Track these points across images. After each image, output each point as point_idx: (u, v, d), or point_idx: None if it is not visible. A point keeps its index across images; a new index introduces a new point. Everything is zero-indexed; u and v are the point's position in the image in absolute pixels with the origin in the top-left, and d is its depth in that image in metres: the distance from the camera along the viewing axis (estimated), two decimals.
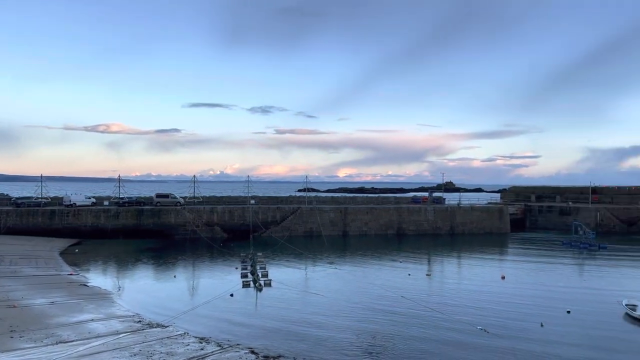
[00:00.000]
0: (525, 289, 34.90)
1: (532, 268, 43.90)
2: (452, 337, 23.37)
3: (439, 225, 69.91)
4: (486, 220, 72.09)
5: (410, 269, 42.33)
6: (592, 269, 44.54)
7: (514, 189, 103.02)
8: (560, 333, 24.36)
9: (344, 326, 25.13)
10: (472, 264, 46.12)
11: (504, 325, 25.52)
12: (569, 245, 58.29)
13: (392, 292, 32.89)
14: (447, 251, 55.33)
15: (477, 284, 36.44)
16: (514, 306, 29.73)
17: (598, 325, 26.01)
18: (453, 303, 30.36)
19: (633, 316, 27.03)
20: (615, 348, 22.38)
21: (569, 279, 39.29)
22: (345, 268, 42.64)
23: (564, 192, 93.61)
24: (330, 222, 66.54)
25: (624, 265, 45.95)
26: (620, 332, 25.09)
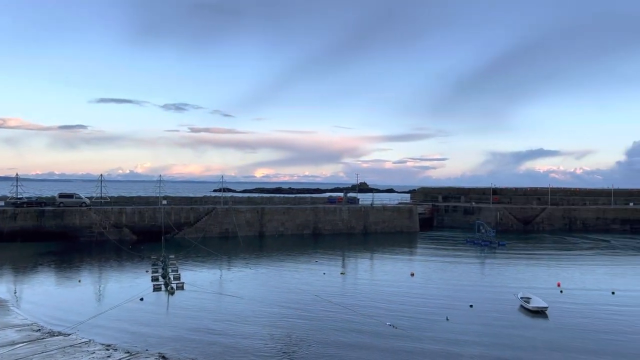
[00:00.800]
0: (432, 285, 36.73)
1: (439, 265, 46.27)
2: (363, 334, 24.08)
3: (353, 225, 71.66)
4: (397, 220, 74.92)
5: (325, 268, 43.03)
6: (492, 265, 47.78)
7: (423, 190, 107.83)
8: (464, 325, 25.92)
9: (258, 327, 25.06)
10: (383, 262, 47.76)
11: (412, 320, 26.69)
12: (472, 243, 62.12)
13: (307, 292, 33.28)
14: (360, 250, 56.87)
15: (388, 282, 37.81)
16: (422, 302, 31.20)
17: (497, 317, 27.99)
18: (365, 300, 31.29)
19: (527, 308, 29.35)
20: (510, 337, 24.19)
21: (472, 275, 41.88)
22: (261, 269, 42.50)
23: (468, 192, 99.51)
24: (246, 222, 65.98)
25: (520, 261, 49.72)
26: (516, 322, 27.14)
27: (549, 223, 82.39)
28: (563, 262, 48.92)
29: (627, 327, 26.11)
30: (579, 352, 22.01)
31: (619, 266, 47.05)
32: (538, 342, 23.32)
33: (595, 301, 31.91)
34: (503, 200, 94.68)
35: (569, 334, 24.78)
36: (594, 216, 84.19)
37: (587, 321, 27.14)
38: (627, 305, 31.07)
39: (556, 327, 25.95)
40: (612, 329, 25.75)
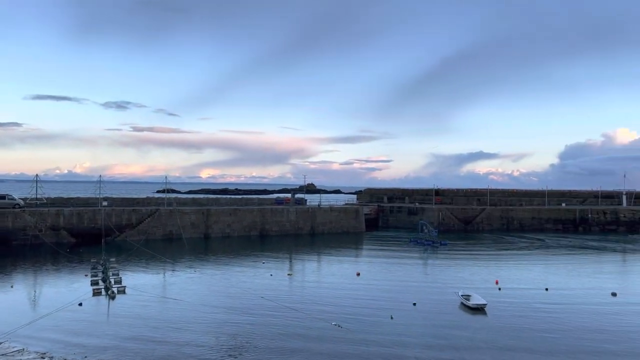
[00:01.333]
0: (377, 285, 37.38)
1: (384, 265, 47.14)
2: (309, 335, 24.21)
3: (301, 226, 71.81)
4: (344, 220, 75.71)
5: (272, 269, 42.88)
6: (434, 264, 49.18)
7: (368, 191, 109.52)
8: (407, 323, 26.57)
9: (203, 330, 24.68)
10: (330, 263, 48.14)
11: (358, 320, 27.07)
12: (416, 242, 63.71)
13: (254, 294, 33.07)
14: (308, 251, 57.07)
15: (334, 282, 38.16)
16: (367, 302, 31.70)
17: (439, 314, 28.86)
18: (311, 301, 31.45)
19: (467, 305, 30.42)
20: (452, 334, 25.01)
21: (415, 274, 42.96)
22: (207, 271, 41.82)
23: (412, 193, 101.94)
24: (191, 224, 64.72)
25: (461, 260, 51.44)
26: (457, 320, 28.08)
27: (488, 223, 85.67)
28: (501, 261, 51.03)
29: (559, 323, 27.54)
30: (515, 348, 23.04)
31: (552, 264, 49.56)
32: (477, 339, 24.23)
33: (531, 298, 33.47)
34: (445, 201, 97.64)
35: (506, 330, 25.89)
36: (529, 216, 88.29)
37: (523, 317, 28.44)
38: (559, 302, 32.76)
39: (494, 324, 27.04)
40: (545, 325, 27.07)
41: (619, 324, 27.13)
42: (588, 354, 22.06)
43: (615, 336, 24.88)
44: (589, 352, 22.36)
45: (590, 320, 27.96)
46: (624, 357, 21.91)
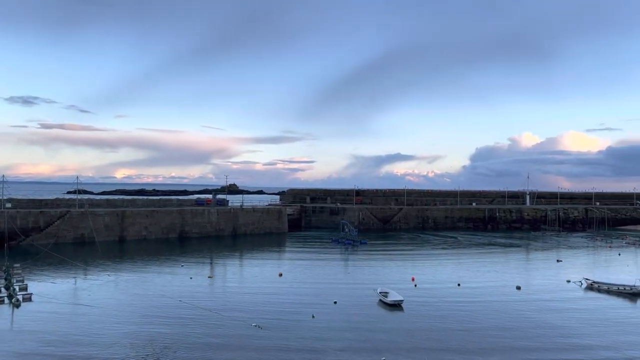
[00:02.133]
0: (299, 284, 37.66)
1: (306, 264, 47.56)
2: (230, 336, 23.97)
3: (222, 227, 70.71)
4: (267, 221, 75.49)
5: (192, 272, 41.88)
6: (355, 262, 50.33)
7: (291, 191, 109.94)
8: (328, 321, 27.02)
9: (117, 336, 23.66)
10: (252, 264, 47.83)
11: (280, 319, 27.16)
12: (337, 241, 64.84)
13: (172, 297, 32.15)
14: (229, 252, 56.30)
15: (256, 283, 37.98)
16: (289, 301, 31.86)
17: (358, 311, 29.62)
18: (233, 303, 31.12)
19: (385, 301, 31.45)
20: (370, 329, 25.79)
21: (336, 273, 43.74)
22: (122, 276, 40.07)
23: (334, 194, 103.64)
24: (105, 226, 61.70)
25: (380, 258, 53.03)
26: (375, 315, 28.98)
27: (405, 222, 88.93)
28: (417, 258, 53.19)
29: (470, 318, 29.23)
30: (429, 340, 24.16)
31: (464, 261, 52.35)
32: (395, 333, 25.15)
33: (444, 293, 35.21)
34: (365, 201, 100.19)
35: (421, 325, 27.07)
36: (443, 215, 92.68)
37: (437, 312, 29.88)
38: (469, 297, 34.73)
39: (411, 318, 28.19)
40: (457, 317, 28.63)
41: (523, 318, 29.18)
42: (496, 350, 23.57)
43: (521, 331, 26.74)
44: (497, 348, 23.88)
45: (498, 315, 29.88)
46: (531, 352, 23.61)
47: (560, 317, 28.88)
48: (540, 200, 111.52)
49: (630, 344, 24.12)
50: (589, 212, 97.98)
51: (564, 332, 25.92)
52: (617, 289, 36.29)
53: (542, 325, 27.10)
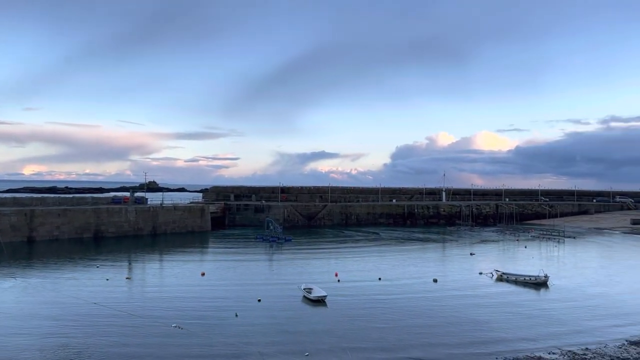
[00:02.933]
0: (223, 283, 37.17)
1: (230, 263, 46.98)
2: (148, 338, 23.23)
3: (141, 226, 68.13)
4: (188, 220, 73.68)
5: (108, 273, 40.04)
6: (279, 259, 50.42)
7: (215, 189, 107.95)
8: (252, 320, 26.91)
9: (24, 345, 22.18)
10: (173, 264, 46.53)
11: (202, 319, 26.69)
12: (262, 239, 64.60)
13: (86, 300, 30.57)
14: (149, 252, 54.42)
15: (177, 283, 37.03)
16: (212, 301, 31.38)
17: (282, 308, 29.76)
18: (152, 304, 30.17)
19: (309, 298, 31.81)
20: (294, 325, 26.04)
21: (261, 271, 43.62)
22: (31, 279, 37.52)
23: (259, 191, 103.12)
24: (11, 226, 57.44)
25: (305, 255, 53.48)
26: (299, 311, 29.27)
27: (329, 218, 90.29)
28: (341, 254, 54.19)
29: (390, 309, 30.29)
30: (352, 334, 24.78)
31: (385, 255, 54.03)
32: (318, 329, 25.54)
33: (366, 287, 36.21)
34: (290, 198, 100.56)
35: (344, 318, 27.69)
36: (365, 212, 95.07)
37: (359, 307, 30.69)
38: (390, 291, 35.95)
39: (333, 313, 28.73)
40: (378, 311, 29.59)
41: (440, 311, 30.63)
42: (416, 346, 24.60)
43: (439, 325, 28.12)
44: (417, 343, 24.92)
45: (417, 308, 31.14)
46: (450, 347, 24.83)
47: (474, 309, 30.66)
48: (455, 196, 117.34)
49: (538, 333, 26.02)
50: (499, 207, 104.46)
51: (479, 324, 27.50)
52: (524, 279, 39.01)
53: (458, 317, 28.64)
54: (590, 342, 23.73)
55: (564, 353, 22.11)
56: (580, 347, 22.92)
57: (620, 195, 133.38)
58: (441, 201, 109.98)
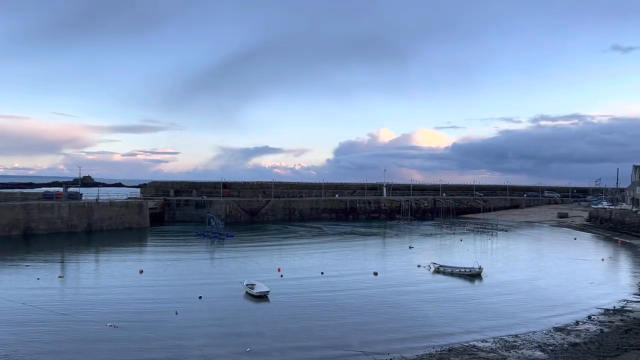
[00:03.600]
0: (162, 281, 36.29)
1: (169, 260, 45.91)
2: (82, 339, 22.37)
3: (75, 223, 65.24)
4: (126, 216, 71.29)
5: (39, 273, 38.11)
6: (221, 255, 49.82)
7: (154, 184, 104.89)
8: (193, 317, 26.49)
9: None
10: (110, 261, 44.93)
11: (140, 318, 26.00)
12: (203, 235, 63.54)
13: (14, 301, 28.99)
14: (83, 250, 52.26)
15: (114, 282, 35.79)
16: (151, 299, 30.57)
17: (224, 305, 29.48)
18: (86, 304, 29.04)
19: (251, 294, 31.67)
20: (236, 321, 25.89)
21: (202, 267, 42.96)
22: None
23: (200, 186, 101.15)
24: None
25: (247, 250, 53.13)
26: (241, 307, 29.10)
27: (273, 214, 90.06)
28: (284, 249, 54.26)
29: (331, 304, 30.69)
30: (294, 329, 24.92)
31: (328, 250, 54.57)
32: (261, 324, 25.52)
33: (309, 281, 36.51)
34: (233, 193, 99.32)
35: (286, 313, 27.80)
36: (309, 207, 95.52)
37: (302, 301, 30.90)
38: (332, 285, 36.37)
39: (276, 309, 28.77)
40: (320, 305, 29.92)
41: (380, 305, 31.36)
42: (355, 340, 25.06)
43: (379, 319, 28.77)
44: (355, 338, 25.40)
45: (358, 302, 31.70)
46: (391, 343, 25.45)
47: (412, 302, 31.64)
48: (395, 191, 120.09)
49: (472, 323, 27.17)
50: (437, 202, 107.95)
51: (416, 316, 28.41)
52: (459, 271, 40.58)
53: (397, 310, 29.46)
54: (520, 330, 25.06)
55: (496, 341, 23.24)
56: (510, 335, 24.16)
57: (549, 191, 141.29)
58: (382, 196, 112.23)
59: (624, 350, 21.08)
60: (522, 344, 22.74)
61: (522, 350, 21.87)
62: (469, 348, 22.13)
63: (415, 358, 20.78)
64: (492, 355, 21.07)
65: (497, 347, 22.41)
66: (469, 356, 20.92)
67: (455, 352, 21.45)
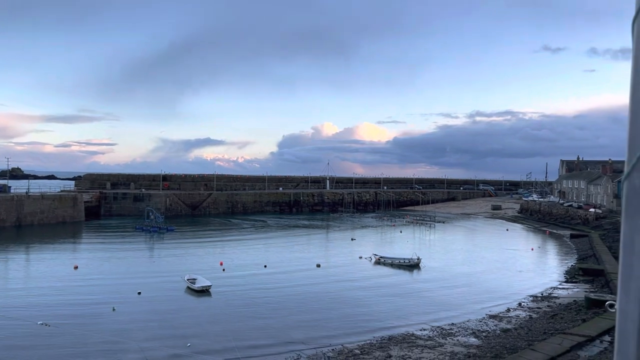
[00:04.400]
0: (98, 276, 35.04)
1: (106, 255, 44.36)
2: (10, 340, 21.31)
3: (3, 217, 61.57)
4: (59, 209, 68.08)
5: None
6: (161, 250, 48.65)
7: (89, 176, 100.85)
8: (132, 314, 25.79)
9: None
10: (42, 257, 42.81)
11: (74, 315, 25.04)
12: (142, 229, 61.75)
13: None
14: (12, 246, 49.43)
15: (47, 278, 34.18)
16: (86, 295, 29.47)
17: (164, 300, 28.87)
18: (17, 301, 27.64)
19: (193, 288, 31.19)
20: (177, 316, 25.44)
21: (141, 263, 41.79)
22: None
23: (139, 179, 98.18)
24: None
25: (189, 245, 52.14)
26: (182, 303, 28.60)
27: (215, 207, 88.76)
28: (227, 243, 53.68)
29: (274, 297, 30.76)
30: (236, 322, 24.81)
31: (272, 243, 54.53)
32: (202, 319, 25.21)
33: (252, 275, 36.38)
34: (173, 186, 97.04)
35: (228, 307, 27.62)
36: (252, 200, 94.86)
37: (244, 295, 30.76)
38: (275, 278, 36.42)
39: (218, 303, 28.50)
40: (263, 299, 29.90)
41: (321, 296, 31.76)
42: (297, 333, 25.25)
43: (319, 308, 29.10)
44: (298, 330, 25.60)
45: (301, 295, 31.97)
46: (335, 338, 25.78)
47: (354, 293, 32.23)
48: (338, 184, 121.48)
49: (411, 312, 28.05)
50: (378, 195, 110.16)
51: (358, 307, 28.96)
52: (399, 262, 41.70)
53: (339, 301, 29.93)
54: (456, 318, 26.13)
55: (434, 329, 24.13)
56: (447, 323, 25.16)
57: (483, 184, 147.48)
58: (325, 189, 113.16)
59: (550, 334, 22.46)
60: (458, 331, 23.74)
61: (458, 337, 22.84)
62: (408, 336, 22.86)
63: (356, 348, 21.23)
64: (429, 343, 21.87)
65: (435, 334, 23.28)
66: (408, 344, 21.62)
67: (395, 341, 22.10)
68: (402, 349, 20.94)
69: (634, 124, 1.44)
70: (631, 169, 1.43)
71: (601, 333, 20.99)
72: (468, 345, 21.54)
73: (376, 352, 20.63)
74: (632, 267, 1.42)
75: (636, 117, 1.43)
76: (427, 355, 20.23)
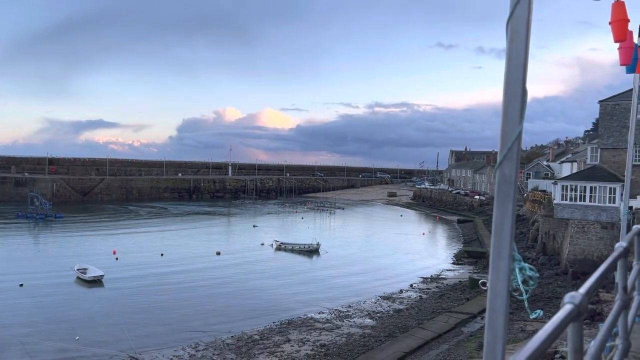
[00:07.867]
0: None
1: None
2: None
3: None
4: None
5: None
6: (48, 239, 45.21)
7: None
8: (13, 307, 23.82)
9: None
10: None
11: None
12: (25, 217, 56.88)
13: None
14: None
15: None
16: None
17: (51, 292, 26.94)
18: None
19: (83, 278, 29.39)
20: (65, 309, 23.92)
21: (24, 252, 38.58)
22: None
23: (21, 162, 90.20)
24: None
25: (79, 233, 48.87)
26: (71, 294, 26.93)
27: (108, 193, 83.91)
28: (121, 230, 51.03)
29: (171, 285, 29.95)
30: (130, 312, 23.83)
31: (170, 230, 52.72)
32: (93, 310, 23.91)
33: (148, 263, 35.01)
34: (61, 171, 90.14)
35: (122, 297, 26.44)
36: (149, 186, 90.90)
37: (139, 283, 29.57)
38: (173, 266, 35.34)
39: (110, 293, 27.16)
40: (159, 288, 29.01)
41: (221, 284, 31.44)
42: (195, 320, 24.83)
43: (218, 295, 28.81)
44: (196, 318, 25.17)
45: (198, 283, 31.35)
46: (228, 320, 25.59)
47: (254, 279, 32.30)
48: (241, 171, 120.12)
49: (310, 296, 28.65)
50: (281, 182, 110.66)
51: (258, 293, 29.05)
52: (299, 247, 42.33)
53: (239, 288, 29.82)
54: (353, 300, 27.15)
55: (332, 312, 24.89)
56: (344, 305, 26.07)
57: (381, 172, 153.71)
58: (227, 175, 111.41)
59: (438, 313, 24.13)
60: (354, 313, 24.70)
61: (354, 318, 23.78)
62: (307, 320, 23.39)
63: (255, 333, 21.33)
64: (327, 325, 22.55)
65: (332, 317, 24.03)
66: (307, 328, 22.13)
67: (294, 325, 22.51)
68: (301, 333, 21.40)
69: (506, 117, 1.60)
70: (502, 158, 1.60)
71: (482, 310, 22.96)
72: (364, 326, 22.52)
73: (276, 336, 20.89)
74: (502, 248, 1.60)
75: (507, 112, 1.60)
76: (325, 337, 20.86)
